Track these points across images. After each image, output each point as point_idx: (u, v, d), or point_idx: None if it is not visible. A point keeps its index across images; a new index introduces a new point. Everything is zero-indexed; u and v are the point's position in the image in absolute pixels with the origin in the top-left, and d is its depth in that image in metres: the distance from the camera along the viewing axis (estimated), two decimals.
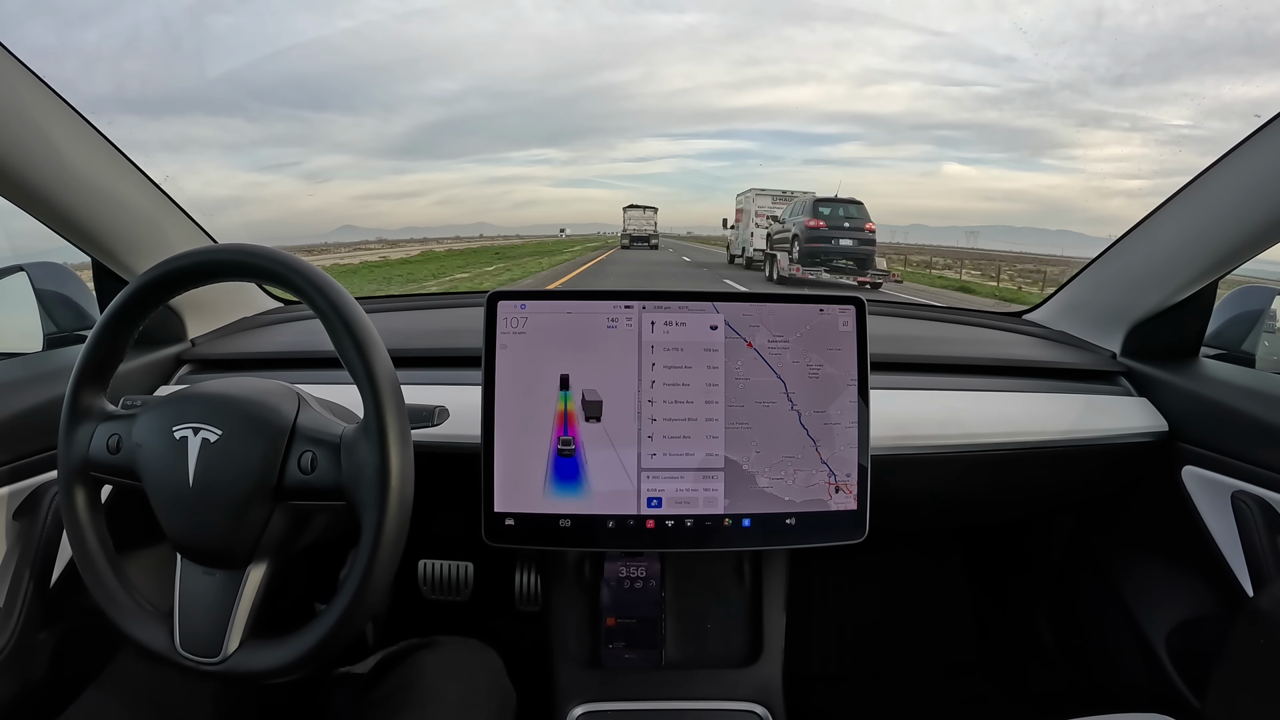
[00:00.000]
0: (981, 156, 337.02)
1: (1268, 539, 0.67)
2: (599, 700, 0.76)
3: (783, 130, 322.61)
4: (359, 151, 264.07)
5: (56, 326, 0.84)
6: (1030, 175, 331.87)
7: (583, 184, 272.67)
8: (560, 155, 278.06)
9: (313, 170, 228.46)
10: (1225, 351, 0.90)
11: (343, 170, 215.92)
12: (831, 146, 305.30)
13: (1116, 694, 0.91)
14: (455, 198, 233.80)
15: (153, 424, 0.52)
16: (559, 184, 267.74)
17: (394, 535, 0.49)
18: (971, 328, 1.06)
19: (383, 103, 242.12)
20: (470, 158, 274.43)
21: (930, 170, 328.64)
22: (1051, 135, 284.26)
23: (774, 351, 0.67)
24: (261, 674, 0.50)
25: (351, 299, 0.51)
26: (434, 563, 1.00)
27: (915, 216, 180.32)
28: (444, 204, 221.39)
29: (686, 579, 0.83)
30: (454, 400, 0.63)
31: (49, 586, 0.64)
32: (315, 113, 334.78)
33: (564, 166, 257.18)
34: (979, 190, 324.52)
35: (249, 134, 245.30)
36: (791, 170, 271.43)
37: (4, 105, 0.59)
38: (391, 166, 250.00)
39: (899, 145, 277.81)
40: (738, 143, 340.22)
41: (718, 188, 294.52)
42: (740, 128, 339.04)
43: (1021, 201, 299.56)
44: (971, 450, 0.77)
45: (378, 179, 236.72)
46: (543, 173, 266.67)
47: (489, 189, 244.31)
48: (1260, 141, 0.67)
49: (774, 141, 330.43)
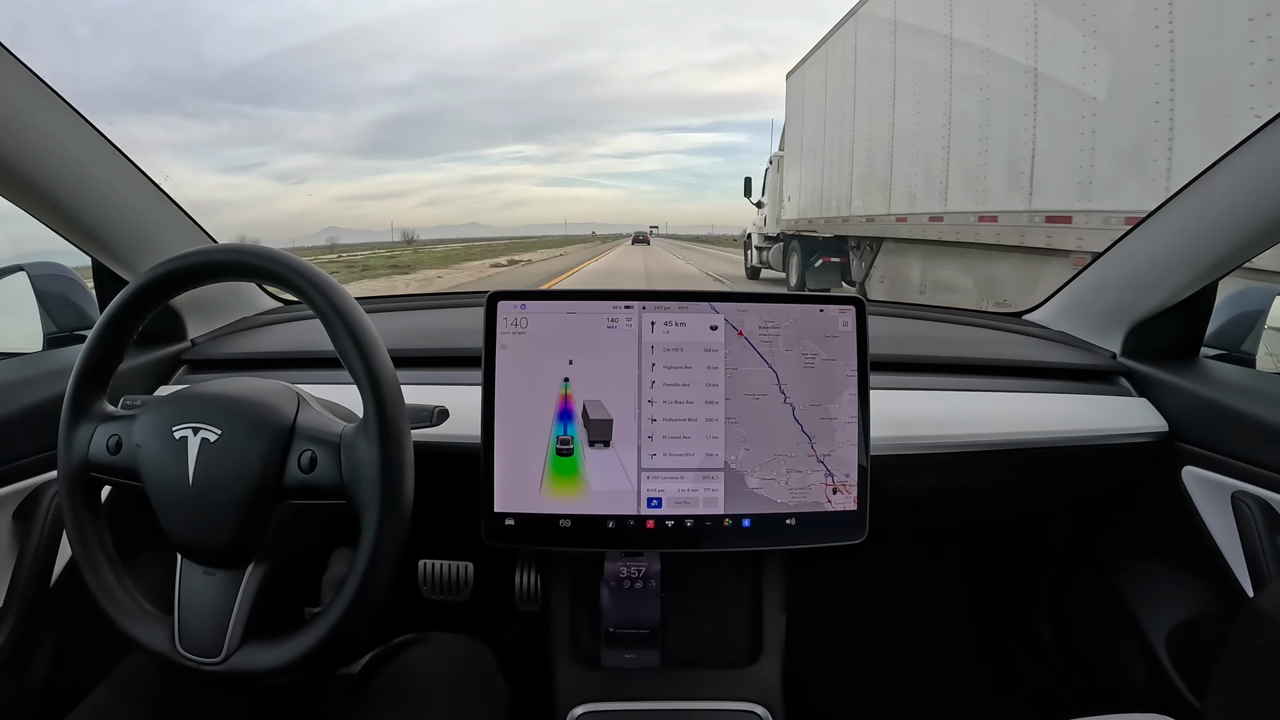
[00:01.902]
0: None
1: (1268, 539, 0.67)
2: (599, 700, 0.76)
3: (778, 120, 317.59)
4: (328, 150, 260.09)
5: (56, 326, 0.84)
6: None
7: (570, 183, 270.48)
8: (540, 151, 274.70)
9: (283, 171, 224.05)
10: (1225, 351, 0.90)
11: (317, 171, 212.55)
12: None
13: (1116, 694, 0.91)
14: (443, 198, 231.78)
15: (153, 424, 0.52)
16: (546, 183, 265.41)
17: (394, 535, 0.49)
18: (971, 328, 1.06)
19: (330, 94, 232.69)
20: (445, 155, 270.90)
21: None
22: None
23: (765, 340, 0.66)
24: (262, 674, 0.50)
25: (351, 299, 0.51)
26: (434, 563, 1.00)
27: None
28: (432, 204, 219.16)
29: (686, 579, 0.83)
30: (454, 400, 0.63)
31: (49, 586, 0.64)
32: (259, 108, 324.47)
33: (548, 164, 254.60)
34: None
35: (197, 133, 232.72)
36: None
37: (4, 105, 0.59)
38: (367, 166, 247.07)
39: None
40: (727, 136, 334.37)
41: (709, 185, 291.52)
42: (728, 119, 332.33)
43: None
44: (971, 450, 0.77)
45: (358, 179, 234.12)
46: (528, 171, 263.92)
47: (476, 188, 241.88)
48: (1260, 141, 0.67)
49: (766, 133, 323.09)
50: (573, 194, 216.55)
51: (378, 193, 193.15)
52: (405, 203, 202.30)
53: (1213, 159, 0.72)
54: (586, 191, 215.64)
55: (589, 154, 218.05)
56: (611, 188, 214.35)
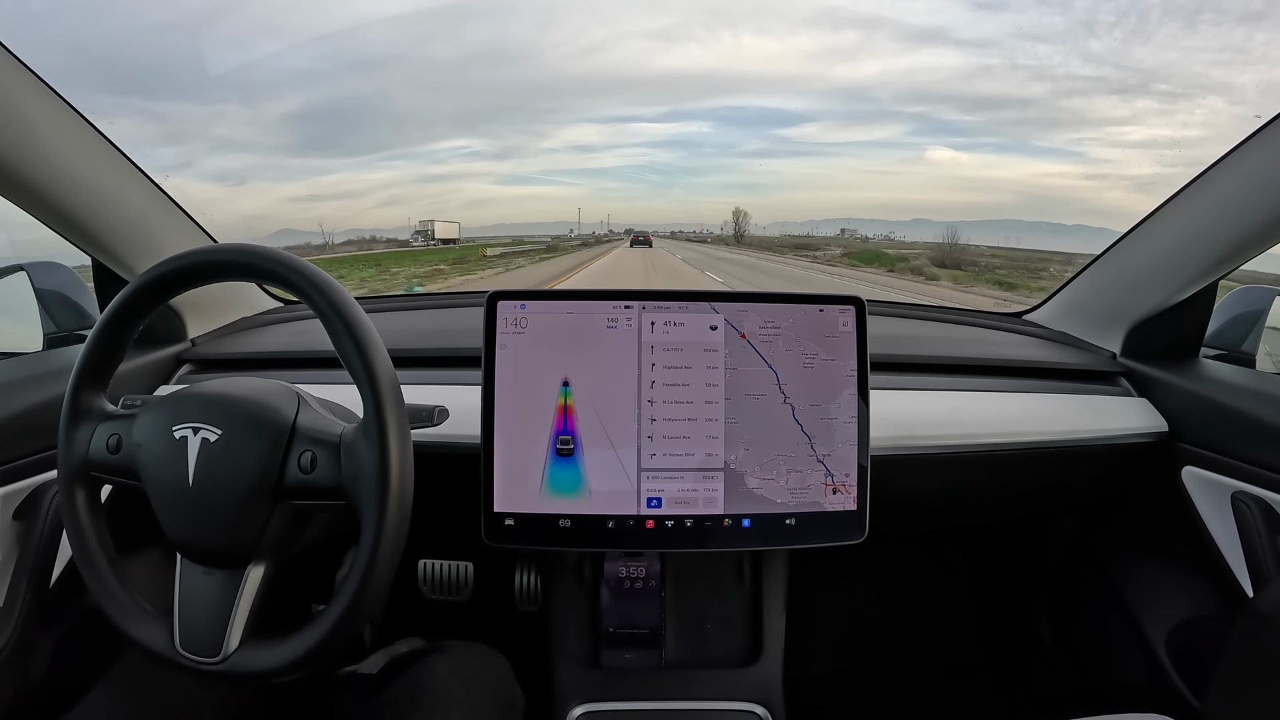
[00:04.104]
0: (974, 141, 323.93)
1: (1268, 539, 0.67)
2: (599, 700, 0.76)
3: (738, 107, 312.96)
4: (259, 149, 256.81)
5: (56, 326, 0.84)
6: (1029, 163, 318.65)
7: (528, 181, 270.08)
8: (487, 147, 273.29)
9: (218, 172, 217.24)
10: (1225, 352, 0.90)
11: (256, 171, 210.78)
12: (794, 128, 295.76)
13: (1116, 694, 0.91)
14: (399, 198, 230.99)
15: (153, 424, 0.52)
16: (503, 181, 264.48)
17: (394, 535, 0.49)
18: (971, 328, 1.06)
19: (225, 84, 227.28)
20: (387, 152, 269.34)
21: (912, 156, 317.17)
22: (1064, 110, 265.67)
23: (765, 340, 0.67)
24: (262, 674, 0.50)
25: (351, 299, 0.51)
26: (434, 563, 1.00)
27: (911, 210, 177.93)
28: (390, 204, 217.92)
29: (686, 579, 0.83)
30: (454, 400, 0.63)
31: (49, 586, 0.64)
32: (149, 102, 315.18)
33: (500, 161, 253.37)
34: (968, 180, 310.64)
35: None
36: (750, 161, 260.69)
37: (4, 105, 0.59)
38: (307, 165, 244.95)
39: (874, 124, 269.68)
40: (688, 126, 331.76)
41: (673, 182, 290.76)
42: (687, 107, 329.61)
43: (1011, 193, 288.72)
44: (971, 450, 0.77)
45: (306, 179, 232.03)
46: (482, 169, 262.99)
47: (431, 188, 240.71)
48: (1260, 141, 0.67)
49: (729, 123, 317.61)
50: (533, 192, 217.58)
51: (328, 193, 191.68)
52: (360, 203, 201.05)
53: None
54: (547, 190, 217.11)
55: (540, 149, 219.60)
56: (572, 185, 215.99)
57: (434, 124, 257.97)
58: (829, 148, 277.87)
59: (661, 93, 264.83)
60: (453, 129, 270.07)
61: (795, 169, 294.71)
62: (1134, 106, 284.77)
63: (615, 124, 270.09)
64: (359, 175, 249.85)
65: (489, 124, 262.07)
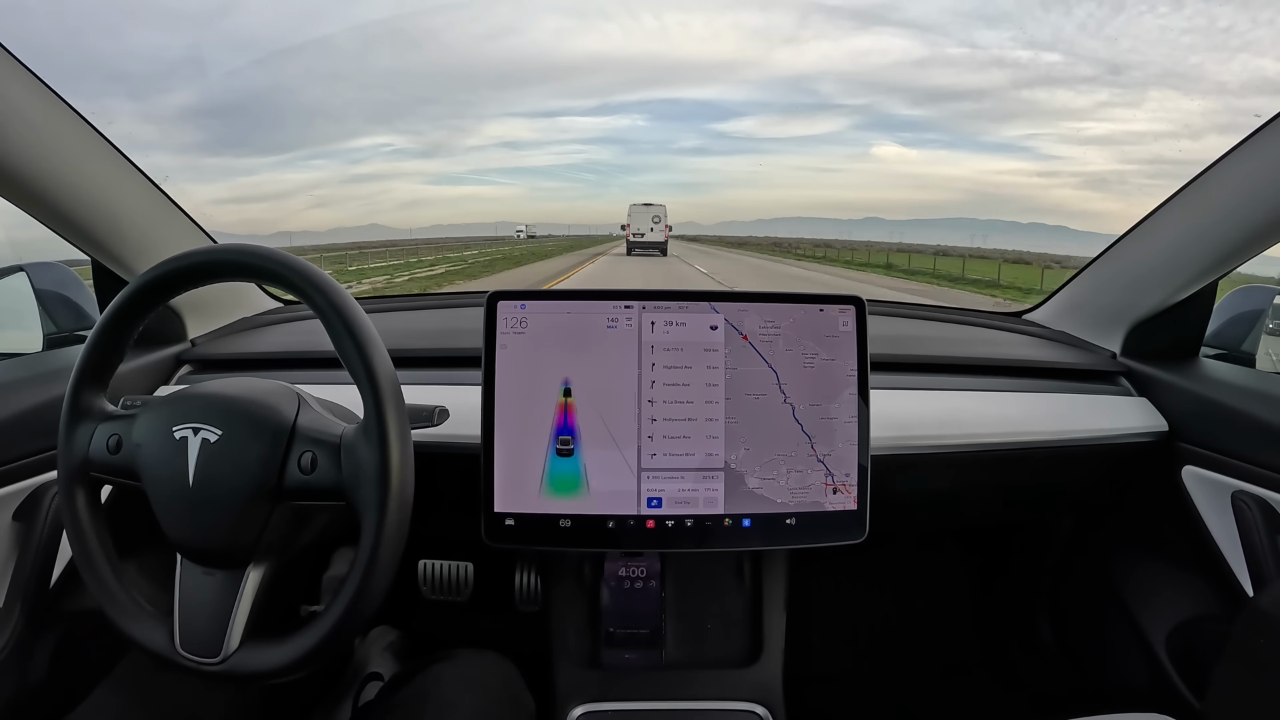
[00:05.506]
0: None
1: (1268, 539, 0.67)
2: (599, 700, 0.76)
3: (671, 100, 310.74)
4: (167, 148, 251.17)
5: (56, 326, 0.84)
6: (977, 159, 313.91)
7: (460, 180, 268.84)
8: (409, 144, 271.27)
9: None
10: (1225, 351, 0.90)
11: (173, 171, 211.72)
12: (731, 123, 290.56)
13: (1116, 694, 0.91)
14: (330, 198, 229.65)
15: (153, 424, 0.52)
16: (435, 181, 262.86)
17: (394, 535, 0.49)
18: (971, 328, 1.06)
19: (102, 73, 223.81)
20: (305, 150, 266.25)
21: (857, 153, 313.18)
22: (1016, 105, 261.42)
23: (765, 340, 0.67)
24: (262, 674, 0.50)
25: (351, 299, 0.51)
26: (434, 563, 1.00)
27: (861, 210, 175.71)
28: (320, 205, 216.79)
29: (687, 579, 0.83)
30: (454, 400, 0.63)
31: (49, 586, 0.64)
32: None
33: (427, 160, 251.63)
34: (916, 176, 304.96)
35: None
36: (684, 159, 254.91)
37: (4, 105, 0.59)
38: (226, 165, 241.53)
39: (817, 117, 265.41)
40: (621, 119, 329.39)
41: (611, 182, 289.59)
42: (618, 100, 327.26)
43: (957, 190, 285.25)
44: (972, 450, 0.77)
45: (226, 180, 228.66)
46: (411, 168, 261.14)
47: (361, 188, 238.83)
48: (1260, 141, 0.67)
49: (663, 118, 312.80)
50: (467, 192, 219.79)
51: (254, 194, 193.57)
52: (290, 204, 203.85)
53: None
54: (481, 189, 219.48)
55: (467, 146, 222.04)
56: (507, 184, 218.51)
57: (346, 118, 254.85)
58: (769, 144, 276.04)
59: (588, 83, 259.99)
60: (368, 124, 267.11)
61: (735, 166, 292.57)
62: (1092, 99, 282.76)
63: (543, 118, 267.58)
64: (282, 175, 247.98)
65: (405, 118, 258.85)
